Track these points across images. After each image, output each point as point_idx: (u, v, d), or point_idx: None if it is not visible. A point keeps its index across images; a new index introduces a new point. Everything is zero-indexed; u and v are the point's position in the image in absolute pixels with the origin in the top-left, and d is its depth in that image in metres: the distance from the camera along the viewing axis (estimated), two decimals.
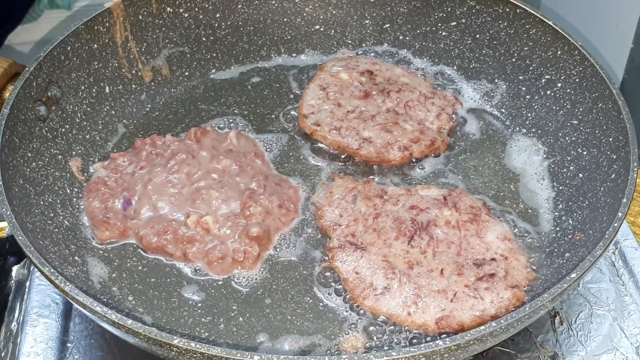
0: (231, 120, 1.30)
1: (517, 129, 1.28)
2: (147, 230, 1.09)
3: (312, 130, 1.25)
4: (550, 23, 1.24)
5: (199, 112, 1.32)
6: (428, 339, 0.98)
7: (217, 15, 1.40)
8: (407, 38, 1.42)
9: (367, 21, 1.44)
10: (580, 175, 1.15)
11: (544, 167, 1.21)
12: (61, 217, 1.10)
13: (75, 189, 1.16)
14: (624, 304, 1.09)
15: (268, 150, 1.25)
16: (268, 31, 1.43)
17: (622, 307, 1.09)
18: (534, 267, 1.06)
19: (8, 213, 0.95)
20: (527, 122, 1.28)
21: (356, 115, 1.25)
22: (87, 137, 1.22)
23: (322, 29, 1.45)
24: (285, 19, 1.44)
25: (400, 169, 1.22)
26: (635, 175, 1.00)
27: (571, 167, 1.17)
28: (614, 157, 1.08)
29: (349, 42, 1.44)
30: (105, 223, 1.09)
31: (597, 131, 1.14)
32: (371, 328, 1.00)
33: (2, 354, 1.05)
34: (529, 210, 1.16)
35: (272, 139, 1.27)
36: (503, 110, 1.32)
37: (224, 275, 1.07)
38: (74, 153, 1.18)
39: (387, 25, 1.43)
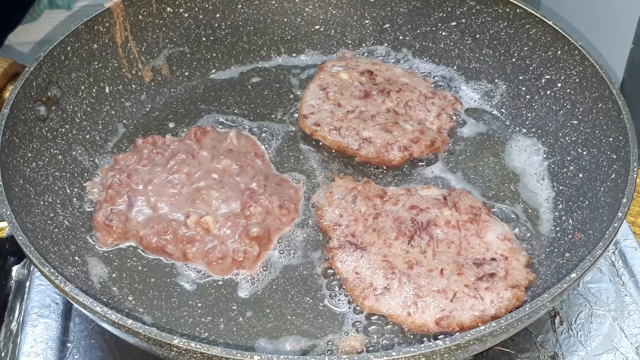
0: (231, 120, 1.30)
1: (517, 129, 1.28)
2: (147, 230, 1.08)
3: (312, 130, 1.25)
4: (550, 23, 1.24)
5: (199, 112, 1.32)
6: (428, 338, 0.98)
7: (217, 15, 1.40)
8: (407, 38, 1.42)
9: (367, 21, 1.44)
10: (580, 175, 1.15)
11: (544, 167, 1.21)
12: (61, 217, 1.10)
13: (76, 189, 1.16)
14: (624, 304, 1.09)
15: (268, 150, 1.25)
16: (268, 31, 1.43)
17: (622, 307, 1.09)
18: (534, 267, 1.06)
19: (8, 213, 0.95)
20: (527, 122, 1.28)
21: (356, 115, 1.25)
22: (87, 137, 1.22)
23: (322, 29, 1.45)
24: (285, 19, 1.44)
25: (400, 169, 1.22)
26: (635, 175, 1.00)
27: (571, 167, 1.17)
28: (614, 157, 1.08)
29: (349, 42, 1.44)
30: (108, 227, 1.09)
31: (597, 131, 1.14)
32: (371, 328, 1.00)
33: (2, 354, 1.05)
34: (529, 210, 1.16)
35: (273, 139, 1.27)
36: (503, 110, 1.32)
37: (224, 275, 1.07)
38: (74, 153, 1.18)
39: (387, 25, 1.43)
